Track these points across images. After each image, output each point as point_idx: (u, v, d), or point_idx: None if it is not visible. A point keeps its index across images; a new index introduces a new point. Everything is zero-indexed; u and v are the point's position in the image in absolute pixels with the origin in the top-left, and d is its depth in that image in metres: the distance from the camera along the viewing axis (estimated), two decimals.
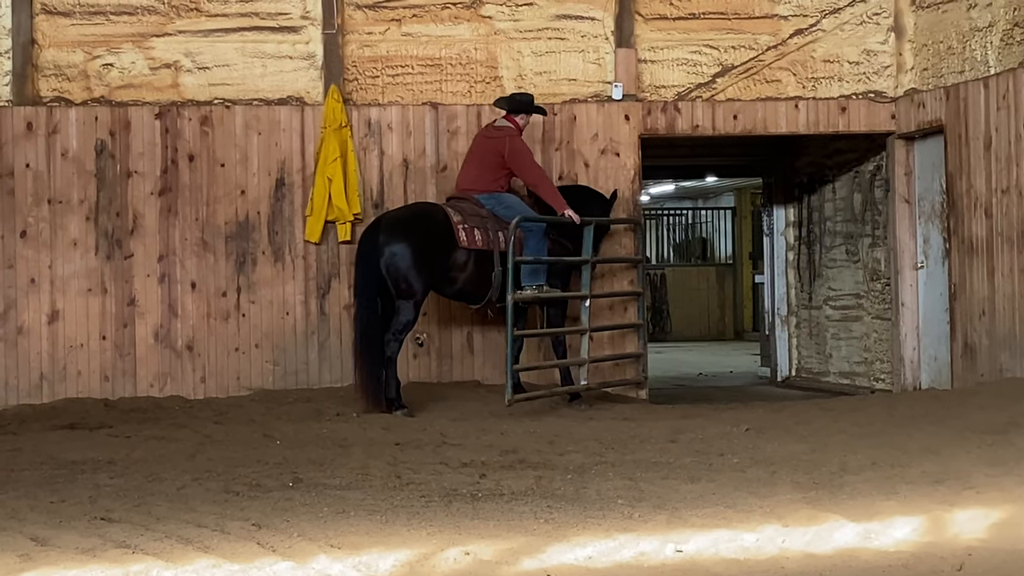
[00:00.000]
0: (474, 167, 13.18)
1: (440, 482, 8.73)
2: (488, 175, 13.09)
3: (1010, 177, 12.79)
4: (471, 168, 13.20)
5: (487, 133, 13.25)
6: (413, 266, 12.56)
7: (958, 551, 6.31)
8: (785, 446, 9.94)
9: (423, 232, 12.66)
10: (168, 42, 13.96)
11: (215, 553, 6.64)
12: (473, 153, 13.28)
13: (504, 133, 13.13)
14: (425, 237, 12.64)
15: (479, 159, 13.17)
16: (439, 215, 12.82)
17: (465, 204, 12.98)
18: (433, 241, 12.66)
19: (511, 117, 13.22)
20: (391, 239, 12.55)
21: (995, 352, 12.97)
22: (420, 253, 12.57)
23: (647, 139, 14.42)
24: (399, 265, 12.53)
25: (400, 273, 12.54)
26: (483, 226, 12.86)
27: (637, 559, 6.38)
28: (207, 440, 11.09)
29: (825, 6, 14.49)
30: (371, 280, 12.57)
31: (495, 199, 13.02)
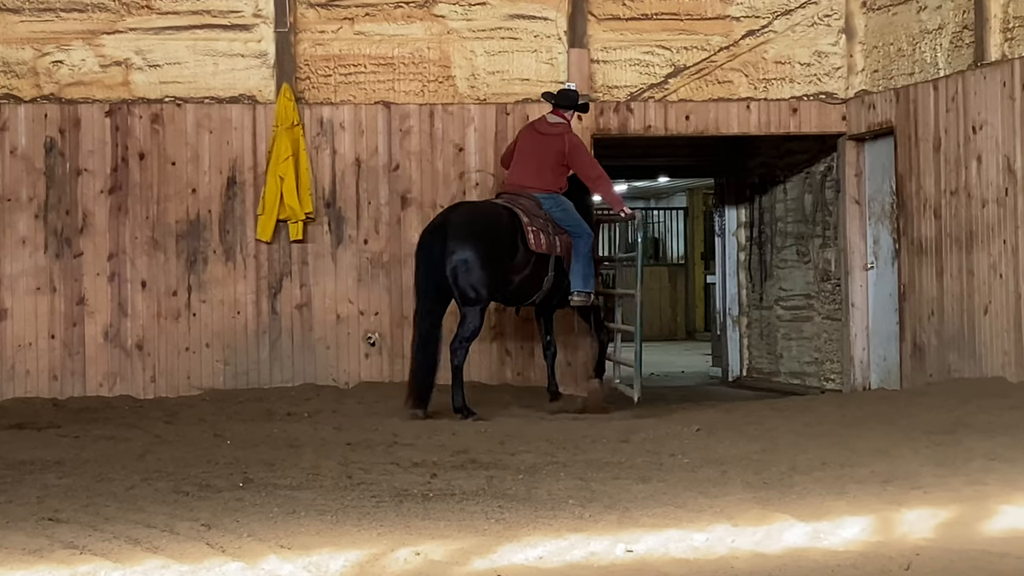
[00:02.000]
0: (531, 164, 12.94)
1: (391, 482, 8.71)
2: (548, 173, 12.92)
3: (959, 179, 12.87)
4: (527, 165, 12.95)
5: (541, 129, 13.05)
6: (481, 275, 12.35)
7: (906, 551, 6.34)
8: (736, 446, 9.97)
9: (492, 237, 12.44)
10: (119, 39, 13.88)
11: (164, 554, 6.60)
12: (526, 149, 13.02)
13: (562, 130, 13.02)
14: (493, 242, 12.43)
15: (536, 156, 12.94)
16: (506, 217, 12.61)
17: (526, 202, 12.78)
18: (500, 245, 12.46)
19: (560, 112, 13.11)
20: (459, 245, 12.29)
21: (944, 352, 13.05)
22: (489, 260, 12.36)
23: (600, 139, 14.44)
24: (468, 275, 12.32)
25: (469, 282, 12.33)
26: (545, 228, 12.74)
27: (587, 559, 6.38)
28: (157, 440, 11.04)
29: (777, 8, 14.54)
30: (434, 284, 12.32)
31: (553, 199, 12.89)
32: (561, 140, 12.94)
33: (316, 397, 13.32)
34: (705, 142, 16.05)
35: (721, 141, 16.00)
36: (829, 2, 14.56)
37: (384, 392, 13.46)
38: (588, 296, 12.99)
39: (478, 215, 12.65)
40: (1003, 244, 12.26)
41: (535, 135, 13.05)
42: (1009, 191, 12.19)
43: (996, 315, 12.34)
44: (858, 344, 14.67)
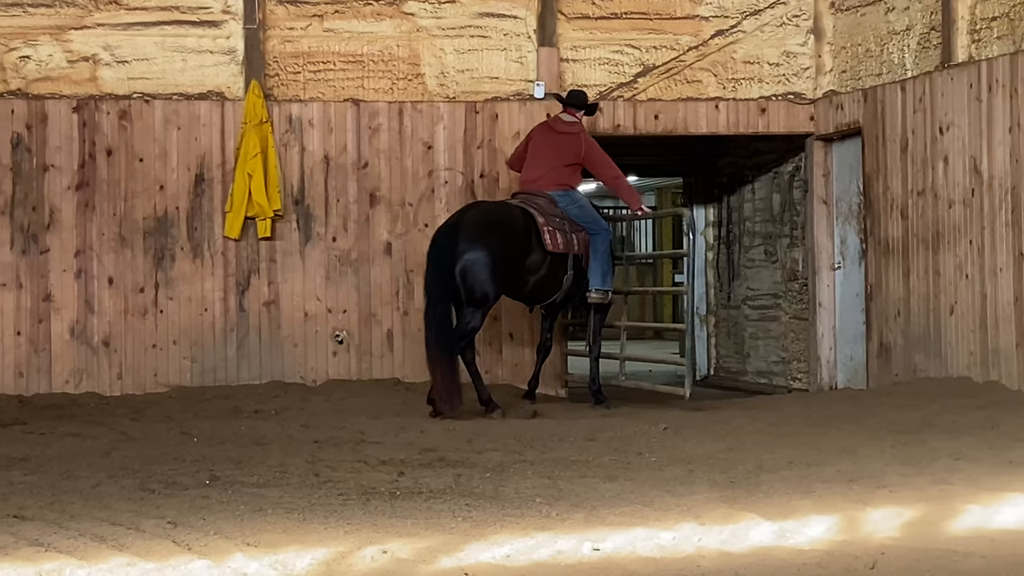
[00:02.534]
0: (543, 163, 12.92)
1: (358, 480, 8.70)
2: (563, 172, 12.92)
3: (926, 179, 12.92)
4: (540, 164, 12.93)
5: (556, 127, 13.06)
6: (490, 276, 12.27)
7: (871, 550, 6.37)
8: (702, 445, 9.99)
9: (503, 239, 12.36)
10: (86, 35, 13.82)
11: (130, 551, 6.58)
12: (539, 148, 13.00)
13: (577, 129, 13.06)
14: (505, 244, 12.35)
15: (551, 154, 12.93)
16: (520, 218, 12.55)
17: (541, 201, 12.76)
18: (513, 247, 12.40)
19: (573, 112, 13.11)
20: (470, 246, 12.21)
21: (910, 352, 13.11)
22: (498, 262, 12.28)
23: None
24: (476, 274, 12.25)
25: (476, 282, 12.26)
26: (561, 227, 12.72)
27: (555, 557, 6.39)
28: (123, 437, 10.99)
29: (746, 7, 14.58)
30: (444, 284, 12.20)
31: (569, 197, 12.89)
32: (577, 139, 13.01)
33: (283, 395, 13.29)
34: (674, 141, 16.06)
35: (690, 140, 16.01)
36: (798, 2, 14.60)
37: (352, 390, 13.45)
38: (606, 294, 13.06)
39: (492, 215, 12.56)
40: (969, 245, 12.31)
41: (551, 133, 13.06)
42: (975, 192, 12.24)
43: (962, 315, 12.39)
44: (825, 344, 14.72)
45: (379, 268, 14.03)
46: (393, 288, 14.03)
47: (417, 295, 13.95)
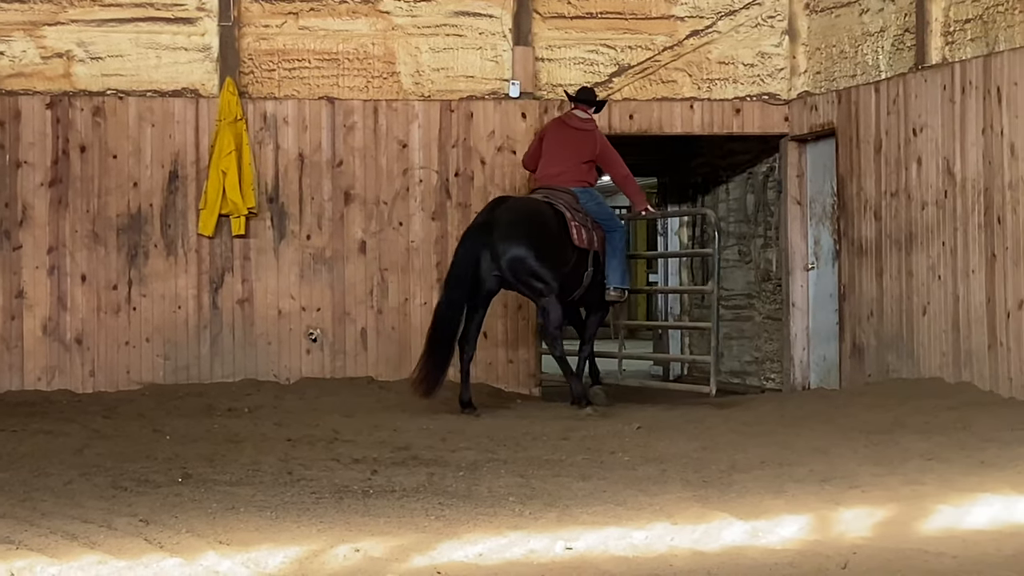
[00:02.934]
0: (563, 159, 12.93)
1: (331, 478, 8.69)
2: (582, 168, 12.95)
3: (899, 180, 12.96)
4: (559, 159, 12.94)
5: (572, 124, 13.07)
6: (542, 263, 12.28)
7: (843, 549, 6.38)
8: (676, 444, 10.00)
9: (544, 231, 12.38)
10: (61, 31, 13.77)
11: (101, 549, 6.56)
12: (556, 144, 13.00)
13: (592, 126, 13.10)
14: (547, 236, 12.38)
15: (569, 150, 12.94)
16: (550, 212, 12.59)
17: (566, 197, 12.78)
18: (552, 238, 12.43)
19: (585, 109, 13.13)
20: (511, 242, 12.19)
21: (883, 353, 13.15)
22: (545, 250, 12.30)
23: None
24: (528, 265, 12.26)
25: (532, 275, 12.28)
26: (584, 224, 12.75)
27: (527, 556, 6.39)
28: (95, 435, 10.96)
29: (721, 8, 14.60)
30: (471, 278, 12.18)
31: (588, 194, 12.94)
32: (593, 136, 13.06)
33: (257, 393, 13.27)
34: (648, 141, 16.07)
35: (664, 140, 16.03)
36: (773, 3, 14.63)
37: (325, 388, 13.43)
38: (624, 292, 13.10)
39: (525, 213, 12.50)
40: (942, 246, 12.36)
41: (567, 129, 13.07)
42: (948, 193, 12.28)
43: (934, 316, 12.43)
44: (798, 344, 14.75)
45: (353, 266, 14.01)
46: (367, 287, 14.02)
47: (392, 293, 13.96)
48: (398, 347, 13.96)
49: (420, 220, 14.10)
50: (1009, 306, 11.50)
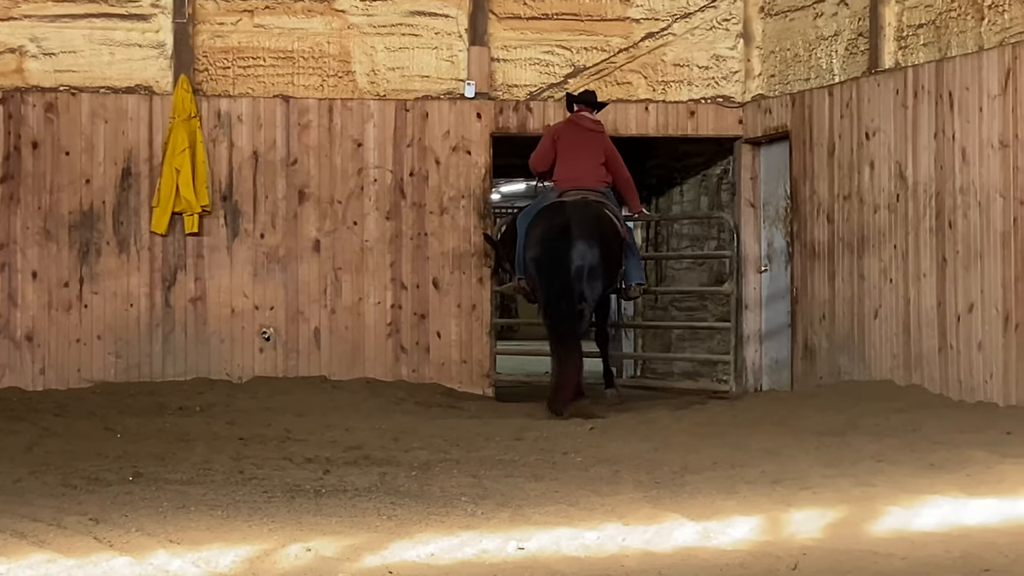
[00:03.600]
0: (587, 159, 13.05)
1: (283, 478, 8.67)
2: (601, 169, 13.13)
3: (852, 184, 13.03)
4: (584, 160, 13.05)
5: (588, 126, 13.21)
6: (612, 265, 12.66)
7: (794, 550, 6.41)
8: (628, 445, 10.02)
9: (611, 232, 12.70)
10: (13, 26, 13.68)
11: (51, 548, 6.53)
12: (576, 145, 13.09)
13: (601, 128, 13.31)
14: (612, 237, 12.72)
15: (588, 151, 13.08)
16: (607, 212, 12.84)
17: (600, 196, 12.97)
18: (615, 240, 12.78)
19: (589, 111, 13.27)
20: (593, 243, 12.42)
21: (834, 355, 13.20)
22: (613, 252, 12.70)
23: (499, 137, 14.45)
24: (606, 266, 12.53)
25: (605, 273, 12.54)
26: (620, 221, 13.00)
27: (479, 556, 6.39)
28: (45, 433, 10.90)
29: (676, 11, 14.64)
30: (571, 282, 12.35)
31: (607, 194, 13.10)
32: (604, 138, 13.27)
33: (209, 391, 13.22)
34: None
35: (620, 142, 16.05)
36: (728, 6, 14.68)
37: (278, 387, 13.40)
38: (642, 288, 13.45)
39: (593, 214, 12.71)
40: (894, 249, 12.43)
41: (582, 132, 13.18)
42: (900, 197, 12.35)
43: (885, 319, 12.50)
44: (751, 346, 14.80)
45: (307, 265, 13.98)
46: (321, 286, 13.99)
47: (345, 293, 13.93)
48: (351, 346, 13.94)
49: (374, 219, 14.08)
50: (959, 310, 11.58)
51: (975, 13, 11.58)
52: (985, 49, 11.36)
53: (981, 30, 11.49)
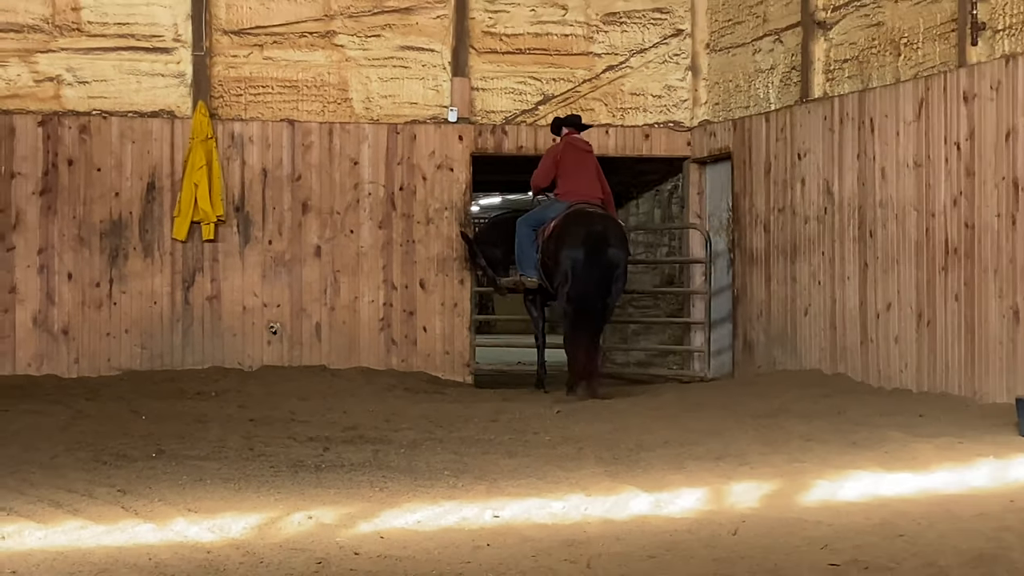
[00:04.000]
0: (588, 176, 12.98)
1: (288, 454, 8.65)
2: (598, 184, 13.04)
3: (785, 198, 13.05)
4: (585, 177, 12.94)
5: (583, 147, 13.10)
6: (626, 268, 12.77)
7: (734, 518, 6.42)
8: (591, 426, 10.02)
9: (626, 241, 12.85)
10: (51, 58, 13.62)
11: (83, 515, 6.51)
12: (576, 163, 12.95)
13: (591, 148, 13.22)
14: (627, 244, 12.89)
15: (586, 169, 12.99)
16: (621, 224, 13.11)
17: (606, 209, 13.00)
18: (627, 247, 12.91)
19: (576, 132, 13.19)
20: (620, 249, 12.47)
21: (770, 348, 13.23)
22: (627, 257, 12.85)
23: (478, 157, 14.45)
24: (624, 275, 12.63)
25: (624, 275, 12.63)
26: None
27: (460, 523, 6.39)
28: (79, 415, 10.86)
29: (633, 46, 14.65)
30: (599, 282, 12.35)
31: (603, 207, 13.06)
32: (594, 157, 13.15)
33: (223, 378, 13.18)
34: None
35: None
36: (678, 43, 14.70)
37: (284, 375, 13.37)
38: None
39: (615, 222, 12.83)
40: (822, 255, 12.46)
41: (579, 152, 13.03)
42: (828, 210, 12.38)
43: (815, 316, 12.53)
44: (697, 340, 14.81)
45: (309, 268, 13.95)
46: (322, 286, 13.96)
47: (343, 292, 13.91)
48: (348, 339, 13.92)
49: (368, 228, 14.06)
50: (879, 308, 11.61)
51: (893, 50, 11.62)
52: (902, 81, 11.40)
53: (898, 64, 11.53)
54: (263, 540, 6.03)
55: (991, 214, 10.27)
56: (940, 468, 7.55)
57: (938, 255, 10.86)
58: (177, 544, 5.94)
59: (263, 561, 5.63)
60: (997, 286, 10.19)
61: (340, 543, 5.96)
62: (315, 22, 14.08)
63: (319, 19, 14.09)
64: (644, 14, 14.64)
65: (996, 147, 10.21)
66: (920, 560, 5.44)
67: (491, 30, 14.39)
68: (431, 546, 5.89)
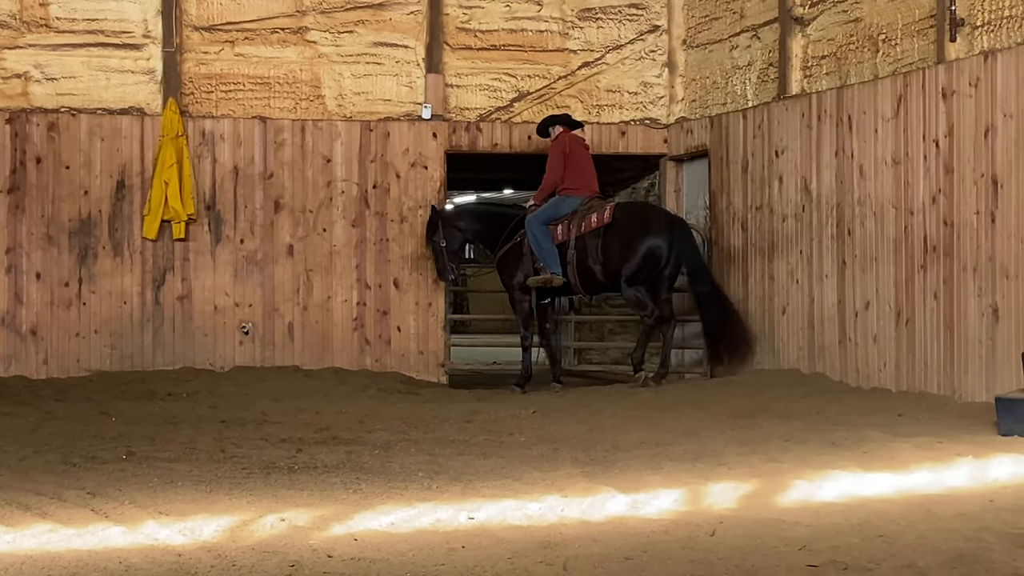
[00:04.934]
0: (592, 172, 13.47)
1: (260, 456, 8.62)
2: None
3: (763, 196, 13.08)
4: (590, 173, 13.45)
5: (582, 143, 13.59)
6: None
7: (712, 519, 6.42)
8: (566, 426, 10.02)
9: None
10: (19, 54, 13.55)
11: (52, 519, 6.47)
12: (583, 159, 13.43)
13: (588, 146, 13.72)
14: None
15: (590, 165, 13.49)
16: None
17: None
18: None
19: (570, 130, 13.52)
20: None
21: None
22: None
23: (452, 154, 14.44)
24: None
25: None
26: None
27: (434, 525, 6.38)
28: (48, 416, 10.80)
29: (609, 43, 14.66)
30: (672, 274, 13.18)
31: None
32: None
33: (194, 379, 13.14)
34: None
35: None
36: (655, 39, 14.72)
37: (256, 375, 13.33)
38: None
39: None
40: (800, 254, 12.49)
41: (583, 148, 13.55)
42: (806, 208, 12.42)
43: (793, 315, 12.56)
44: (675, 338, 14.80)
45: (282, 267, 13.92)
46: (294, 285, 13.93)
47: (316, 292, 13.88)
48: (321, 339, 13.89)
49: (342, 227, 14.03)
50: (857, 307, 11.65)
51: (871, 46, 11.65)
52: (880, 78, 11.44)
53: (876, 61, 11.56)
54: (235, 543, 6.01)
55: (970, 212, 10.31)
56: (919, 468, 7.57)
57: (917, 253, 10.90)
58: (148, 547, 5.92)
59: (235, 564, 5.61)
60: (976, 284, 10.23)
61: (313, 546, 5.95)
62: (287, 18, 14.05)
63: (291, 15, 14.06)
64: (620, 10, 14.65)
65: (975, 144, 10.25)
66: (899, 561, 5.46)
67: (465, 26, 14.38)
68: (405, 548, 5.87)
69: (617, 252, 12.94)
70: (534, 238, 13.17)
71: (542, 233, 13.15)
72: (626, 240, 12.89)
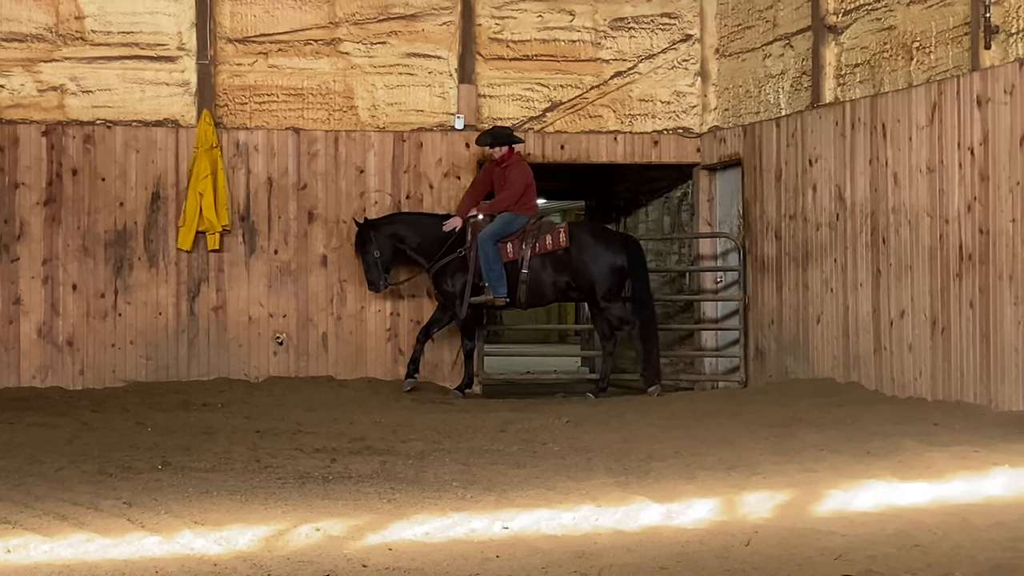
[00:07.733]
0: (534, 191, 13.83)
1: (295, 466, 8.65)
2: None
3: (797, 205, 13.05)
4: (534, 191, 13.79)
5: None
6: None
7: (747, 529, 6.41)
8: (600, 436, 10.01)
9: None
10: (55, 67, 13.66)
11: (89, 528, 6.51)
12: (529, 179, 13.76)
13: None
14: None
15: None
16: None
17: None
18: None
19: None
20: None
21: (782, 356, 13.22)
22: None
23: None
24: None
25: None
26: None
27: (468, 535, 6.38)
28: (84, 427, 10.86)
29: (642, 52, 14.66)
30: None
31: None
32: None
33: (229, 389, 13.19)
34: (577, 168, 16.12)
35: (591, 168, 16.06)
36: (687, 48, 14.71)
37: (290, 386, 13.37)
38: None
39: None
40: (834, 262, 12.45)
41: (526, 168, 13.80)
42: (840, 216, 12.38)
43: (827, 324, 12.52)
44: (708, 348, 14.79)
45: (316, 278, 13.96)
46: (328, 296, 13.97)
47: (350, 302, 13.92)
48: (355, 349, 13.92)
49: None
50: (892, 316, 11.60)
51: (905, 54, 11.62)
52: (914, 86, 11.40)
53: (910, 69, 11.53)
54: (270, 552, 6.03)
55: (1006, 219, 10.26)
56: (955, 477, 7.53)
57: (952, 261, 10.85)
58: (183, 557, 5.94)
59: (270, 574, 5.63)
60: (1013, 292, 10.18)
61: (348, 555, 5.96)
62: (320, 29, 14.11)
63: (324, 26, 14.12)
64: (652, 19, 14.65)
65: (1011, 151, 10.20)
66: (935, 571, 5.43)
67: (498, 36, 14.41)
68: (440, 558, 5.88)
69: (592, 271, 13.40)
70: (486, 257, 13.16)
71: (494, 253, 13.20)
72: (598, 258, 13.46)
